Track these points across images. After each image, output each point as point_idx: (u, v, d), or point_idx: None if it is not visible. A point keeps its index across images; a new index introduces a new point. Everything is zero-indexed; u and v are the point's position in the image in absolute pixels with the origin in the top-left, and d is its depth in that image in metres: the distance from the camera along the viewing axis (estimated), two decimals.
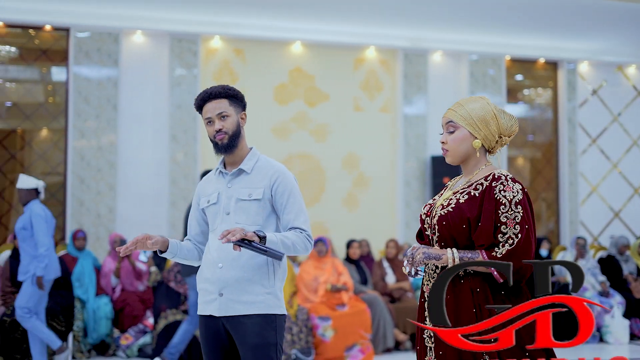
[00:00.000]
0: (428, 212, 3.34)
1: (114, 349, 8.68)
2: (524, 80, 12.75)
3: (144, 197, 10.50)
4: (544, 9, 10.53)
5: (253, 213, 3.67)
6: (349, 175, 11.40)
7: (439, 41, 11.72)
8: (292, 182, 3.74)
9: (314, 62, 11.36)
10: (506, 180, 3.15)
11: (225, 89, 3.76)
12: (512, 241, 3.07)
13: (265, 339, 3.58)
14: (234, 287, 3.61)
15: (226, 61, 11.01)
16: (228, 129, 3.71)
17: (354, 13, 10.66)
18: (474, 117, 3.26)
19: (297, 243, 3.60)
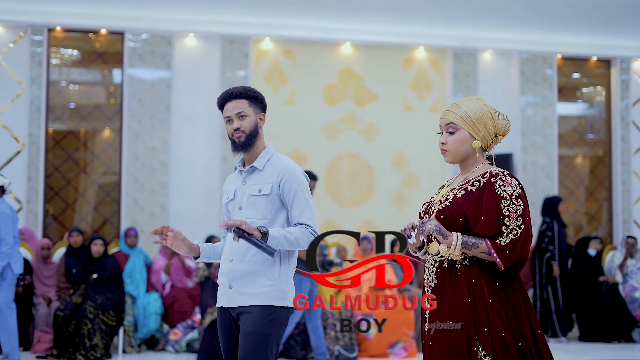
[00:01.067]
0: (427, 209, 3.49)
1: (163, 343, 8.96)
2: (577, 78, 12.64)
3: (195, 196, 10.76)
4: (595, 6, 10.48)
5: (262, 208, 3.81)
6: (398, 175, 11.49)
7: (488, 40, 11.71)
8: (298, 179, 3.84)
9: (363, 63, 11.48)
10: (504, 176, 3.29)
11: (246, 90, 3.92)
12: (515, 232, 3.22)
13: (259, 328, 3.69)
14: (241, 280, 3.77)
15: (276, 62, 11.20)
16: (245, 128, 3.86)
17: (403, 13, 10.75)
18: (473, 118, 3.39)
19: (301, 238, 3.72)
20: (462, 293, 3.25)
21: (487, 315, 3.20)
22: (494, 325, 3.19)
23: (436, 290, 3.35)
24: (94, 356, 8.04)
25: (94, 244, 8.75)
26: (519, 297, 3.29)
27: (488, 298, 3.23)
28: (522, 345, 3.19)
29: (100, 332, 8.19)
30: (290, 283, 3.83)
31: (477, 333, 3.20)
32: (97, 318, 8.19)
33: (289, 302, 3.79)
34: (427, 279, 3.44)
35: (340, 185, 11.32)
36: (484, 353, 3.17)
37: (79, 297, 8.45)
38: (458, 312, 3.22)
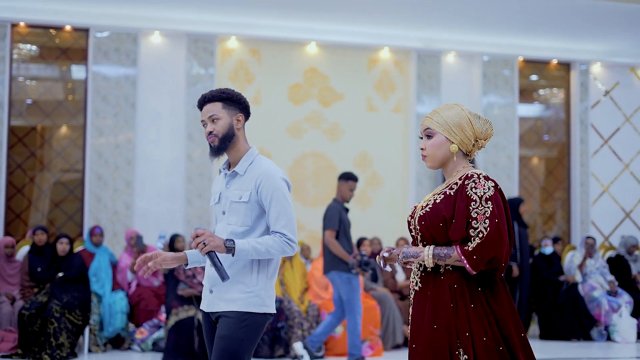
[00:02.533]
0: (412, 214, 3.52)
1: (129, 342, 8.93)
2: (536, 81, 12.85)
3: (160, 194, 10.73)
4: (557, 10, 10.64)
5: (242, 215, 3.78)
6: (362, 175, 11.55)
7: (452, 42, 11.85)
8: (275, 185, 3.78)
9: (329, 63, 11.54)
10: (478, 178, 3.30)
11: (219, 92, 3.86)
12: (482, 234, 3.21)
13: (232, 332, 3.68)
14: (221, 285, 3.75)
15: (242, 61, 11.21)
16: (218, 132, 3.81)
17: (369, 14, 10.82)
18: (450, 123, 3.43)
19: (273, 248, 3.69)
20: (444, 297, 3.28)
21: (468, 320, 3.23)
22: (476, 330, 3.22)
23: (420, 293, 3.40)
24: (60, 355, 7.98)
25: (60, 243, 8.68)
26: (502, 300, 3.31)
27: (470, 303, 3.26)
28: (503, 349, 3.23)
29: (67, 331, 8.13)
30: (270, 289, 3.80)
31: (459, 337, 3.23)
32: (64, 317, 8.14)
33: (267, 309, 3.76)
34: (412, 282, 3.50)
35: (305, 184, 11.36)
36: (465, 357, 3.21)
37: (44, 296, 8.37)
38: (440, 316, 3.26)
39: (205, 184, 10.77)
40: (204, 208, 10.75)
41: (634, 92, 12.86)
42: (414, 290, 3.45)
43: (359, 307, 7.84)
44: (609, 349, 9.88)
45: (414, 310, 3.41)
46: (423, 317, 3.32)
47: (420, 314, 3.35)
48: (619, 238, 11.85)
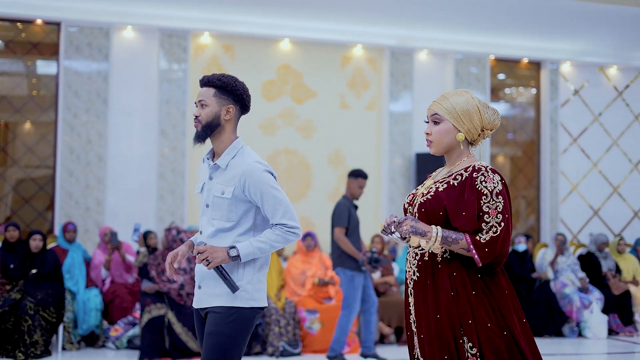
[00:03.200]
0: (410, 201, 3.49)
1: (103, 340, 8.81)
2: (507, 79, 12.95)
3: (132, 190, 10.63)
4: (528, 10, 10.72)
5: (226, 210, 3.70)
6: (335, 172, 11.56)
7: (424, 40, 11.89)
8: (262, 179, 3.68)
9: (302, 60, 11.51)
10: (486, 172, 3.29)
11: (215, 78, 3.78)
12: (495, 229, 3.22)
13: (220, 328, 3.62)
14: (208, 281, 3.70)
15: (215, 57, 11.14)
16: (202, 118, 3.74)
17: (342, 11, 10.81)
18: (458, 111, 3.39)
19: (276, 241, 3.66)
20: (444, 286, 3.27)
21: (470, 307, 3.22)
22: (479, 317, 3.21)
23: (419, 283, 3.37)
24: (35, 353, 7.87)
25: (33, 239, 8.55)
26: (502, 287, 3.31)
27: (471, 290, 3.25)
28: (507, 334, 3.22)
29: (41, 329, 8.01)
30: (258, 283, 3.71)
31: (462, 325, 3.21)
32: (38, 314, 8.02)
33: (255, 303, 3.69)
34: (408, 272, 3.46)
35: (278, 181, 11.26)
36: (470, 345, 3.20)
37: (17, 293, 8.22)
38: (442, 306, 3.25)
39: (177, 181, 10.69)
40: (176, 204, 10.67)
41: (603, 91, 13.01)
42: (412, 280, 3.42)
43: (356, 305, 7.83)
44: (581, 345, 9.98)
45: (416, 300, 3.38)
46: (426, 307, 3.31)
47: (423, 304, 3.33)
48: (588, 236, 11.98)
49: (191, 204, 10.84)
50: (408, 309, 3.47)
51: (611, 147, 12.94)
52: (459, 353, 3.22)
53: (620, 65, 13.00)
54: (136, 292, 9.05)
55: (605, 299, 10.48)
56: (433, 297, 3.29)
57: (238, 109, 3.83)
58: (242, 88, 3.81)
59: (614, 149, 12.95)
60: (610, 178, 12.90)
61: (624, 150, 12.98)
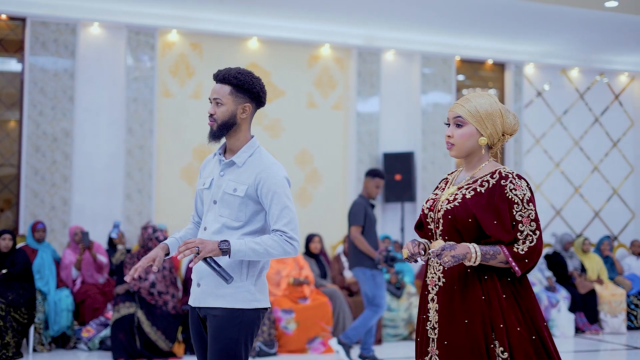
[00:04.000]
0: (431, 206, 3.43)
1: (74, 341, 8.67)
2: (472, 80, 13.05)
3: (98, 189, 10.47)
4: (492, 12, 10.81)
5: (236, 209, 3.62)
6: (302, 171, 11.53)
7: (391, 40, 11.92)
8: (277, 182, 3.62)
9: (270, 58, 11.46)
10: (514, 179, 3.26)
11: (232, 75, 3.66)
12: (531, 238, 3.21)
13: (226, 333, 3.54)
14: (208, 279, 3.60)
15: (183, 55, 11.04)
16: (218, 117, 3.65)
17: (310, 10, 10.79)
18: (482, 114, 3.34)
19: (272, 247, 3.52)
20: (475, 291, 3.24)
21: (501, 311, 3.20)
22: (509, 321, 3.19)
23: (444, 289, 3.32)
24: (6, 355, 7.71)
25: (2, 239, 8.38)
26: (529, 289, 3.31)
27: (502, 294, 3.23)
28: (536, 338, 3.22)
29: (12, 330, 7.85)
30: (260, 284, 3.65)
31: (494, 330, 3.19)
32: (9, 315, 7.86)
33: (258, 304, 3.61)
34: (432, 278, 3.40)
35: None
36: (501, 349, 3.18)
37: None
38: (473, 310, 3.22)
39: (145, 179, 10.57)
40: (143, 204, 10.55)
41: (565, 93, 13.19)
42: (436, 286, 3.37)
43: (383, 303, 7.85)
44: None
45: (441, 306, 3.32)
46: (453, 312, 3.27)
47: (449, 310, 3.29)
48: (550, 236, 12.13)
49: (158, 203, 10.72)
50: (426, 315, 3.41)
51: (573, 148, 13.13)
52: (490, 358, 3.20)
53: (582, 67, 13.20)
54: (107, 292, 8.92)
55: (572, 297, 10.63)
56: (461, 302, 3.26)
57: (254, 106, 3.75)
58: (259, 86, 3.73)
59: (575, 149, 13.13)
60: (572, 178, 13.09)
61: (585, 151, 13.17)
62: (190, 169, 10.93)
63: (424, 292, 3.46)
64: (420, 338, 3.45)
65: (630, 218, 13.45)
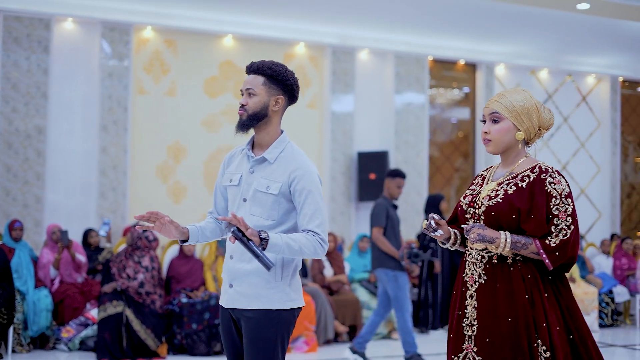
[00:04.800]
0: (471, 202, 3.42)
1: (54, 341, 8.49)
2: (446, 80, 13.11)
3: (72, 187, 10.32)
4: (465, 12, 10.87)
5: (268, 207, 3.52)
6: None
7: (365, 39, 11.93)
8: (311, 181, 3.53)
9: (245, 56, 11.37)
10: (554, 174, 3.28)
11: (266, 66, 3.57)
12: (565, 232, 3.21)
13: (263, 334, 3.46)
14: (241, 280, 3.51)
15: (158, 52, 10.92)
16: (249, 108, 3.57)
17: (285, 8, 10.75)
18: (518, 109, 3.35)
19: (306, 246, 3.42)
20: (518, 289, 3.23)
21: (544, 310, 3.21)
22: (551, 320, 3.20)
23: (485, 287, 3.31)
24: None
25: None
26: (569, 287, 3.32)
27: (544, 293, 3.24)
28: (574, 337, 3.24)
29: None
30: (295, 283, 3.57)
31: (537, 329, 3.20)
32: None
33: (293, 304, 3.53)
34: (471, 275, 3.38)
35: None
36: (543, 348, 3.19)
37: None
38: (516, 309, 3.21)
39: (119, 177, 10.43)
40: (117, 202, 10.41)
41: (534, 93, 13.22)
42: (475, 283, 3.36)
43: (407, 304, 7.74)
44: None
45: (480, 304, 3.32)
46: (494, 310, 3.27)
47: (490, 308, 3.28)
48: None
49: (132, 201, 10.59)
50: (462, 312, 3.40)
51: (542, 148, 13.26)
52: (532, 356, 3.20)
53: (551, 68, 13.35)
54: (86, 291, 8.76)
55: None
56: (504, 300, 3.25)
57: (286, 99, 3.65)
58: (292, 78, 3.64)
59: (544, 150, 13.27)
60: None
61: (553, 152, 13.32)
62: (165, 167, 10.82)
63: (461, 288, 3.45)
64: (454, 334, 3.43)
65: (597, 217, 13.66)
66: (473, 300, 3.36)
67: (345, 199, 11.67)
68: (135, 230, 8.42)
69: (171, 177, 10.90)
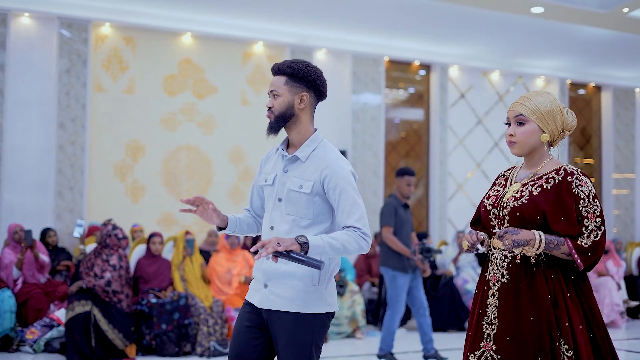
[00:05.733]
0: (495, 203, 3.48)
1: (17, 343, 8.28)
2: (401, 81, 13.21)
3: (28, 186, 10.10)
4: (420, 13, 10.96)
5: (303, 206, 3.49)
6: (235, 169, 11.43)
7: (323, 39, 11.94)
8: (344, 177, 3.48)
9: (204, 54, 11.30)
10: (580, 175, 3.35)
11: (286, 65, 3.55)
12: (596, 233, 3.28)
13: (300, 338, 3.45)
14: (277, 281, 3.48)
15: (116, 49, 10.76)
16: (275, 109, 3.57)
17: (244, 7, 10.70)
18: (542, 111, 3.42)
19: (349, 243, 3.38)
20: (541, 289, 3.28)
21: (567, 310, 3.26)
22: (574, 319, 3.26)
23: (508, 286, 3.36)
24: None
25: None
26: (590, 287, 3.38)
27: (567, 292, 3.29)
28: (595, 336, 3.30)
29: None
30: (330, 287, 3.56)
31: (560, 328, 3.25)
32: None
33: (329, 307, 3.52)
34: (494, 274, 3.43)
35: (179, 178, 11.07)
36: (566, 347, 3.23)
37: None
38: (539, 308, 3.26)
39: (77, 176, 10.26)
40: (75, 201, 10.24)
41: (486, 95, 13.53)
42: (498, 282, 3.40)
43: (400, 305, 7.71)
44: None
45: (503, 303, 3.37)
46: (517, 309, 3.32)
47: (512, 307, 3.34)
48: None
49: (90, 200, 10.43)
50: (483, 310, 3.45)
51: (493, 148, 13.49)
52: (555, 355, 3.25)
53: (502, 70, 13.56)
54: (50, 292, 8.60)
55: None
56: (527, 299, 3.30)
57: (313, 95, 3.60)
58: (315, 73, 3.57)
59: (495, 150, 13.49)
60: (492, 178, 13.42)
61: (504, 152, 13.55)
62: (123, 165, 10.67)
63: (483, 287, 3.50)
64: (473, 332, 3.48)
65: None
66: (494, 299, 3.41)
67: None
68: (104, 228, 8.29)
69: (129, 176, 10.75)
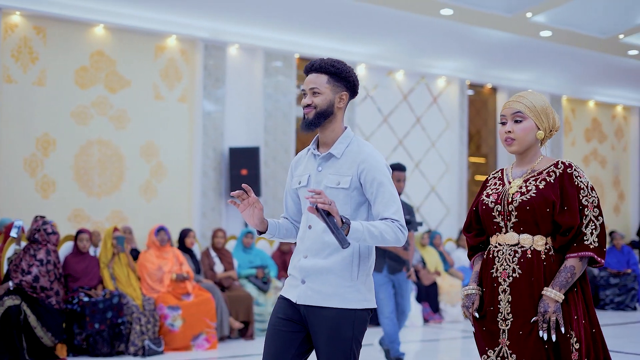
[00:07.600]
0: (498, 200, 3.54)
1: None
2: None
3: None
4: (330, 11, 11.10)
5: (341, 202, 3.51)
6: (147, 164, 11.22)
7: (236, 35, 11.86)
8: (380, 170, 3.51)
9: (116, 47, 11.03)
10: (577, 168, 3.47)
11: (329, 64, 3.60)
12: (594, 225, 3.39)
13: (341, 333, 3.46)
14: (315, 277, 3.51)
15: (26, 39, 10.36)
16: (316, 105, 3.57)
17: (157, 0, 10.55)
18: (538, 109, 3.51)
19: (387, 233, 3.41)
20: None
21: (575, 304, 3.36)
22: (580, 314, 3.36)
23: (520, 281, 3.42)
24: None
25: None
26: (589, 283, 3.49)
27: (573, 287, 3.39)
28: (596, 331, 3.42)
29: None
30: (369, 283, 3.58)
31: (569, 321, 3.33)
32: None
33: (368, 304, 3.54)
34: (503, 270, 3.48)
35: (90, 173, 10.76)
36: (574, 340, 3.33)
37: None
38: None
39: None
40: None
41: (391, 94, 13.78)
42: (510, 277, 3.45)
43: (381, 306, 7.43)
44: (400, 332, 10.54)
45: (515, 297, 3.42)
46: (530, 303, 3.39)
47: (525, 301, 3.39)
48: None
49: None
50: (495, 307, 3.49)
51: (397, 147, 13.76)
52: (566, 350, 3.33)
53: (406, 70, 13.84)
54: None
55: (417, 289, 11.17)
56: (539, 294, 3.38)
57: (349, 95, 3.68)
58: (354, 74, 3.66)
59: (399, 148, 13.77)
60: None
61: (407, 150, 13.84)
62: (33, 159, 10.30)
63: (491, 284, 3.53)
64: (487, 327, 3.52)
65: (446, 214, 14.31)
66: (506, 295, 3.46)
67: (217, 195, 11.58)
68: (36, 223, 8.01)
69: (39, 171, 10.38)
